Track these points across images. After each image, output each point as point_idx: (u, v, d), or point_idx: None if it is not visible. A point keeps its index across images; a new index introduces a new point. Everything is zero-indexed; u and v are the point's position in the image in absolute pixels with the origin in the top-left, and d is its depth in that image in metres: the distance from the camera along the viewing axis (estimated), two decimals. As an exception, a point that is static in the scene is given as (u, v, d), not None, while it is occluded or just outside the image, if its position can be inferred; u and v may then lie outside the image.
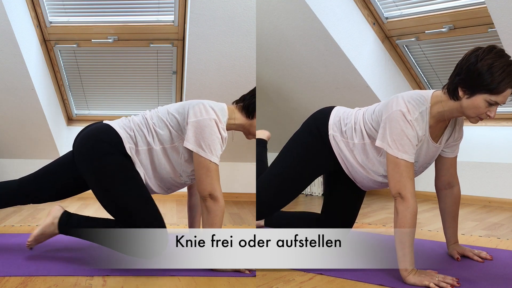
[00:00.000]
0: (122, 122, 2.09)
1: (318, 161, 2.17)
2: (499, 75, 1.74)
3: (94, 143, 2.03)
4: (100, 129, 2.06)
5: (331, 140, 2.13)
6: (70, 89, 4.00)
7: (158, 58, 3.78)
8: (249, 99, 2.14)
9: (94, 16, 3.60)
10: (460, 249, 2.13)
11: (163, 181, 2.09)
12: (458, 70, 1.83)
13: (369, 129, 2.03)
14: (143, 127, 2.05)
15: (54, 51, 3.72)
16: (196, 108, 1.99)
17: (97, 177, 2.01)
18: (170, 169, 2.06)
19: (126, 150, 2.02)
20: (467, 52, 1.84)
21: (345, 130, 2.11)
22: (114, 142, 2.02)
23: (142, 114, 2.12)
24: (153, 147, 2.04)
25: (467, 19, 3.30)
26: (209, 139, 1.96)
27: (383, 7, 3.59)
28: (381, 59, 3.75)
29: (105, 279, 1.84)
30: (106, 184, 2.00)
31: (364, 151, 2.06)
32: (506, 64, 1.76)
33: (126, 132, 2.04)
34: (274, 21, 3.57)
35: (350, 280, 1.85)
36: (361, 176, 2.12)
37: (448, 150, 2.07)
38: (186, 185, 2.18)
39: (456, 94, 1.84)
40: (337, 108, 2.23)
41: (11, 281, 1.79)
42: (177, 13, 3.51)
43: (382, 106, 2.01)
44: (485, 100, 1.79)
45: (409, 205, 1.81)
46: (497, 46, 1.81)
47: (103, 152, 2.01)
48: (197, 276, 1.89)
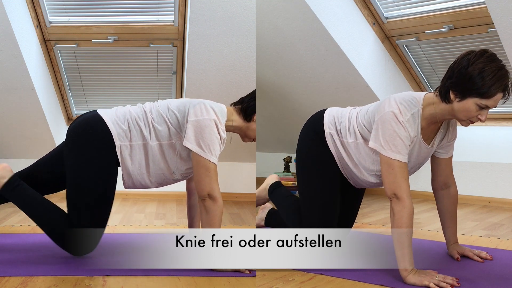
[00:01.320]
0: (117, 114, 2.08)
1: (331, 165, 2.16)
2: (490, 79, 1.75)
3: (84, 137, 2.04)
4: (92, 123, 2.07)
5: (327, 139, 2.14)
6: (70, 89, 4.00)
7: (158, 58, 3.78)
8: (247, 102, 2.14)
9: (94, 16, 3.60)
10: (460, 249, 2.13)
11: (154, 176, 2.09)
12: (450, 73, 1.84)
13: (361, 129, 2.05)
14: (140, 120, 2.04)
15: (54, 51, 3.72)
16: (197, 107, 1.99)
17: (74, 174, 2.04)
18: (164, 166, 2.06)
19: (116, 148, 2.02)
20: (459, 55, 1.85)
21: (340, 129, 2.13)
22: (103, 139, 2.02)
23: (141, 106, 2.10)
24: (148, 142, 2.03)
25: (467, 19, 3.30)
26: (209, 139, 1.96)
27: (383, 7, 3.59)
28: (381, 59, 3.75)
29: (105, 279, 1.84)
30: (78, 180, 2.03)
31: (358, 150, 2.07)
32: (497, 68, 1.77)
33: (120, 127, 2.04)
34: (274, 21, 3.57)
35: (350, 280, 1.85)
36: (355, 176, 2.13)
37: (442, 151, 2.07)
38: (178, 182, 2.18)
39: (448, 97, 1.85)
40: (330, 108, 2.24)
41: (11, 281, 1.79)
42: (177, 13, 3.51)
43: (375, 107, 2.02)
44: (476, 103, 1.79)
45: (405, 205, 1.82)
46: (489, 50, 1.82)
47: (88, 149, 2.03)
48: (197, 276, 1.89)
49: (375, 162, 2.04)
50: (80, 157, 2.05)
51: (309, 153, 2.21)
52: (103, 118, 2.06)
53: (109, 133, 2.03)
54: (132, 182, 2.09)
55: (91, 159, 2.04)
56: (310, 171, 2.20)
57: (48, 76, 3.81)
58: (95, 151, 2.04)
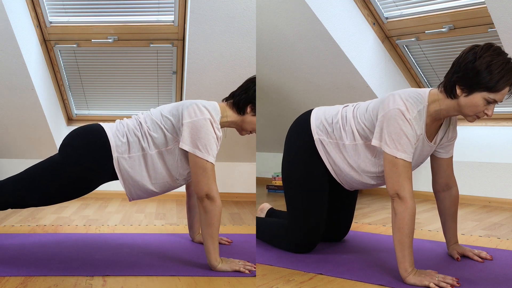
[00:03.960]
0: (117, 127, 2.08)
1: (319, 171, 2.14)
2: (498, 73, 1.73)
3: (82, 142, 2.03)
4: (93, 131, 2.06)
5: (317, 145, 2.11)
6: (70, 89, 4.00)
7: (158, 58, 3.78)
8: (238, 95, 2.14)
9: (94, 16, 3.60)
10: (460, 249, 2.12)
11: (158, 184, 2.08)
12: (456, 68, 1.81)
13: (361, 129, 2.01)
14: (137, 131, 2.04)
15: (54, 51, 3.72)
16: (190, 109, 1.99)
17: (60, 166, 2.02)
18: (166, 174, 2.06)
19: (113, 160, 2.02)
20: (464, 49, 1.82)
21: (332, 130, 2.08)
22: (101, 148, 2.01)
23: (136, 118, 2.10)
24: (147, 152, 2.03)
25: (467, 19, 3.30)
26: (205, 139, 1.96)
27: (383, 7, 3.59)
28: (381, 59, 3.75)
29: (105, 279, 1.84)
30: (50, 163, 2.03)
31: (356, 153, 2.03)
32: (504, 61, 1.75)
33: (119, 139, 2.03)
34: (274, 21, 3.57)
35: (350, 280, 1.85)
36: (352, 179, 2.09)
37: (443, 150, 2.05)
38: (181, 186, 2.18)
39: (454, 92, 1.82)
40: (316, 110, 2.20)
41: (11, 281, 1.79)
42: (177, 13, 3.51)
43: (376, 104, 1.97)
44: (484, 98, 1.77)
45: (407, 206, 1.79)
46: (494, 44, 1.80)
47: (83, 150, 2.01)
48: (197, 276, 1.89)
49: (376, 164, 2.01)
50: (72, 151, 2.03)
51: (298, 164, 2.17)
52: (104, 129, 2.05)
53: (108, 144, 2.02)
54: (136, 193, 2.09)
55: (81, 157, 2.02)
56: (298, 183, 2.16)
57: (48, 76, 3.81)
58: (90, 155, 2.02)
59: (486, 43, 1.80)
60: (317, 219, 2.15)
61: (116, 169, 2.03)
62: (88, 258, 2.10)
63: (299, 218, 2.16)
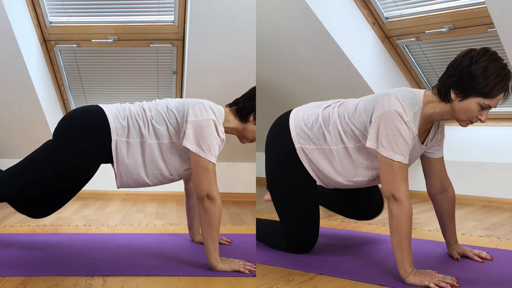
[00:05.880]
0: (117, 109, 2.05)
1: (303, 175, 2.11)
2: (494, 79, 1.71)
3: (80, 124, 2.02)
4: (91, 112, 2.04)
5: (299, 153, 2.06)
6: (70, 89, 4.00)
7: (158, 58, 3.78)
8: (242, 103, 2.12)
9: (94, 16, 3.60)
10: (460, 249, 2.12)
11: (150, 176, 2.06)
12: (451, 71, 1.79)
13: (350, 130, 1.95)
14: (139, 118, 2.02)
15: (54, 51, 3.72)
16: (196, 108, 1.99)
17: (57, 146, 2.02)
18: (162, 166, 2.05)
19: (112, 142, 2.00)
20: (460, 53, 1.80)
21: (315, 136, 2.03)
22: (100, 130, 2.00)
23: (140, 104, 2.08)
24: (146, 140, 2.01)
25: (467, 19, 3.30)
26: (209, 139, 1.96)
27: (383, 7, 3.59)
28: (381, 59, 3.75)
29: (105, 279, 1.84)
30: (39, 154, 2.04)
31: (348, 156, 1.98)
32: (500, 67, 1.73)
33: (119, 122, 2.01)
34: (274, 21, 3.57)
35: (350, 280, 1.85)
36: (339, 184, 2.05)
37: (433, 150, 2.02)
38: (173, 181, 2.16)
39: (448, 96, 1.80)
40: (293, 114, 2.14)
41: (11, 281, 1.79)
42: (177, 13, 3.51)
43: (368, 103, 1.92)
44: (478, 103, 1.75)
45: (404, 208, 1.77)
46: (490, 49, 1.78)
47: (80, 133, 2.00)
48: (197, 276, 1.89)
49: (369, 167, 1.97)
50: (68, 137, 2.01)
51: (281, 170, 2.14)
52: (104, 110, 2.03)
53: (108, 125, 2.00)
54: (128, 180, 2.05)
55: (79, 137, 2.00)
56: (283, 190, 2.14)
57: (48, 76, 3.81)
58: (87, 139, 2.00)
59: (483, 48, 1.78)
60: (308, 223, 2.13)
61: (113, 151, 2.00)
62: (88, 258, 2.10)
63: (289, 224, 2.14)
